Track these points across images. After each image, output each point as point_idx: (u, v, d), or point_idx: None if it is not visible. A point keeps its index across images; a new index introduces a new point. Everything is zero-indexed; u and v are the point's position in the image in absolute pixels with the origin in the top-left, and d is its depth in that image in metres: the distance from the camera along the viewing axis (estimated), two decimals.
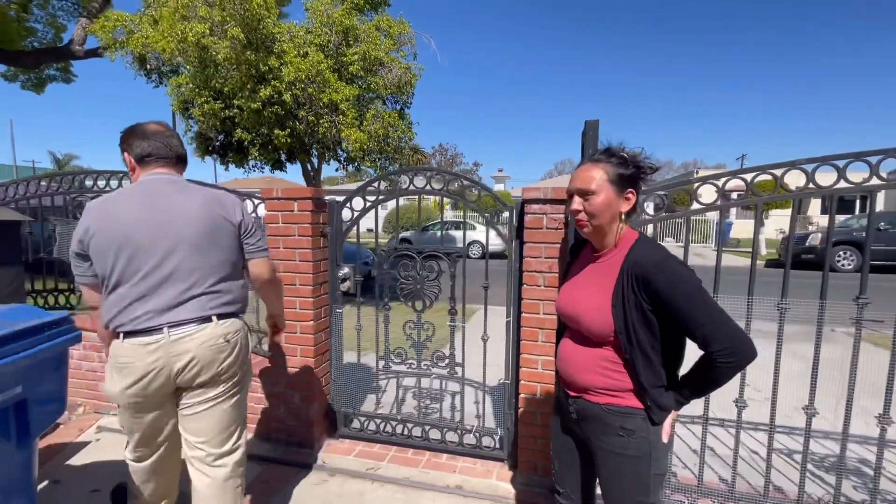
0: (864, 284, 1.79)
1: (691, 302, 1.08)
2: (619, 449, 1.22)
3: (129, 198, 1.52)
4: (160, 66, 6.85)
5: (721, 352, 1.07)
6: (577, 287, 1.31)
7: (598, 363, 1.23)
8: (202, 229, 1.53)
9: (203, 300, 1.54)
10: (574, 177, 1.23)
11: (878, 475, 1.86)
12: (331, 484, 2.37)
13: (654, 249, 1.17)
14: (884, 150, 1.68)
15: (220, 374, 1.58)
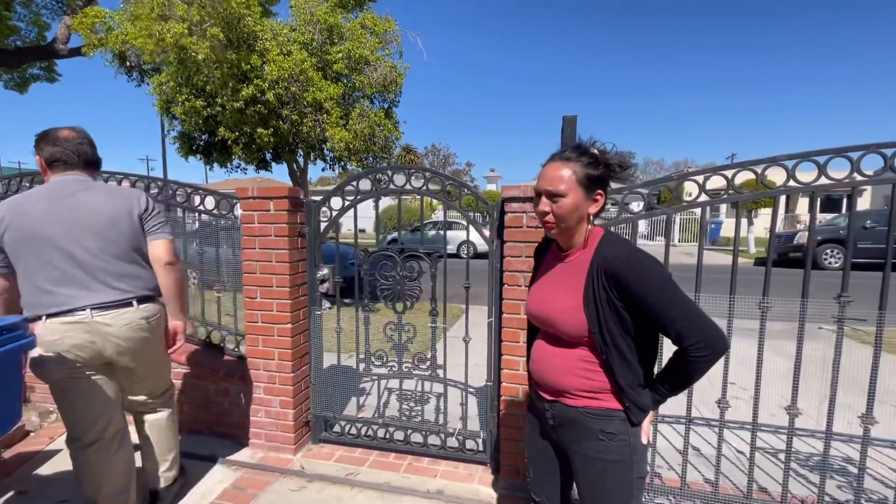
0: (846, 282, 1.77)
1: (663, 295, 1.07)
2: (599, 454, 1.18)
3: (38, 197, 1.70)
4: (140, 65, 6.71)
5: (695, 345, 1.06)
6: (546, 288, 1.27)
7: (574, 364, 1.20)
8: (106, 221, 1.72)
9: (120, 285, 1.73)
10: (542, 175, 1.17)
11: (862, 474, 1.84)
12: (309, 490, 2.30)
13: (621, 245, 1.15)
14: (865, 146, 1.65)
15: (145, 352, 1.83)
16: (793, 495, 1.96)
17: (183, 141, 7.34)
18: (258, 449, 2.65)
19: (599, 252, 1.16)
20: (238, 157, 6.97)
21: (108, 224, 1.72)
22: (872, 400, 1.79)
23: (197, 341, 2.95)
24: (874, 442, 2.57)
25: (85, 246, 1.68)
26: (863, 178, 1.66)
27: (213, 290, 3.02)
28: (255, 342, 2.59)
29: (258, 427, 2.64)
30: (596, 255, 1.16)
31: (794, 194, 1.54)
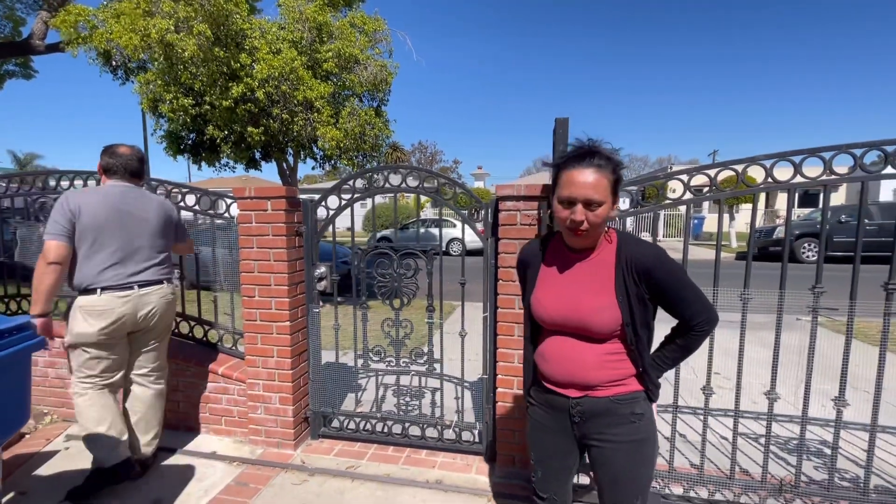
0: (820, 274, 1.88)
1: (683, 285, 1.22)
2: (630, 436, 1.25)
3: (103, 195, 2.19)
4: (126, 62, 6.62)
5: (701, 322, 1.23)
6: (567, 291, 1.25)
7: (603, 358, 1.23)
8: (157, 223, 2.31)
9: (157, 269, 2.31)
10: (575, 182, 1.13)
11: (835, 455, 1.96)
12: (310, 484, 2.36)
13: (645, 244, 1.24)
14: (837, 146, 1.76)
15: (166, 319, 2.39)
16: (772, 476, 2.07)
17: (170, 140, 7.27)
18: (258, 445, 2.69)
19: (625, 250, 1.21)
20: (227, 156, 6.93)
21: (158, 227, 2.31)
22: (844, 384, 1.91)
23: (195, 339, 2.97)
24: (848, 425, 2.72)
25: (140, 241, 2.24)
26: (835, 177, 1.77)
27: (210, 290, 3.04)
28: (253, 340, 2.62)
29: (258, 423, 2.68)
30: (621, 253, 1.21)
31: (772, 191, 1.63)
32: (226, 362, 2.82)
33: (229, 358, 2.87)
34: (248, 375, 2.67)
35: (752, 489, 2.06)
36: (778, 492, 2.01)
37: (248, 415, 2.71)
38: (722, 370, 3.60)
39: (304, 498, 2.23)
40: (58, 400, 3.05)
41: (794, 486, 1.99)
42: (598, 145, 1.19)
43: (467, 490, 2.29)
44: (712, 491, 2.08)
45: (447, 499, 2.23)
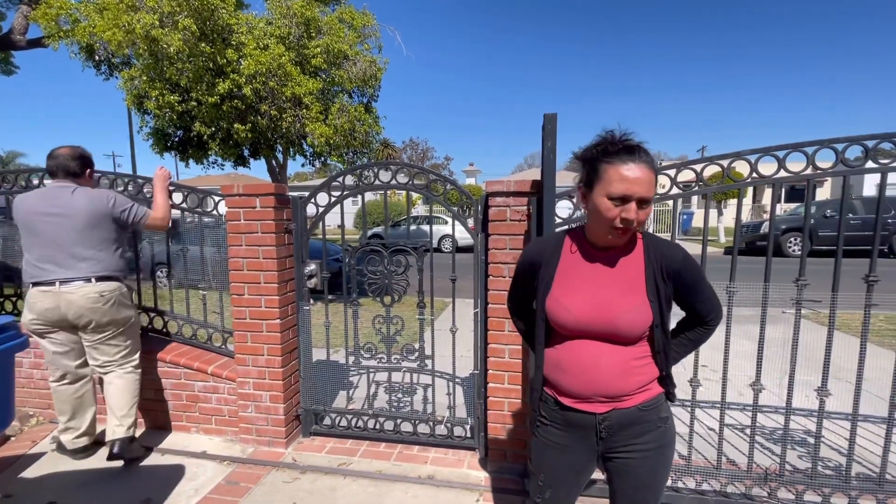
0: (803, 267, 1.91)
1: (703, 284, 1.25)
2: (658, 442, 1.21)
3: (36, 197, 2.35)
4: (109, 58, 6.49)
5: (714, 317, 1.28)
6: (595, 292, 1.17)
7: (630, 364, 1.17)
8: (85, 219, 2.30)
9: (84, 265, 2.31)
10: (629, 179, 1.05)
11: (818, 444, 2.00)
12: (302, 481, 2.35)
13: (672, 244, 1.22)
14: (819, 141, 1.79)
15: (100, 319, 2.35)
16: (758, 465, 2.11)
17: (157, 137, 7.15)
18: (249, 444, 2.68)
19: (654, 251, 1.18)
20: (215, 154, 6.83)
21: (86, 222, 2.31)
22: (827, 375, 1.95)
23: (184, 339, 2.94)
24: (831, 415, 2.78)
25: (66, 237, 2.28)
26: (817, 171, 1.80)
27: (198, 289, 3.01)
28: (243, 338, 2.61)
29: (248, 422, 2.67)
30: (650, 253, 1.18)
31: (758, 186, 1.66)
32: (215, 361, 2.80)
33: (219, 356, 2.85)
34: (238, 374, 2.65)
35: (738, 479, 2.09)
36: (763, 481, 2.05)
37: (238, 413, 2.69)
38: (709, 363, 3.65)
39: (296, 496, 2.23)
40: (43, 401, 3.01)
41: (778, 475, 2.03)
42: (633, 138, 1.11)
43: (459, 485, 2.30)
44: (699, 481, 2.12)
45: (439, 493, 2.24)
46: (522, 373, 2.29)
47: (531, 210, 2.13)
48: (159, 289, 3.08)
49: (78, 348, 2.44)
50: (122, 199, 2.45)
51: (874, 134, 1.74)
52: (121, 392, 2.47)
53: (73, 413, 2.48)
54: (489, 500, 2.19)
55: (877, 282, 1.83)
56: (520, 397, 2.32)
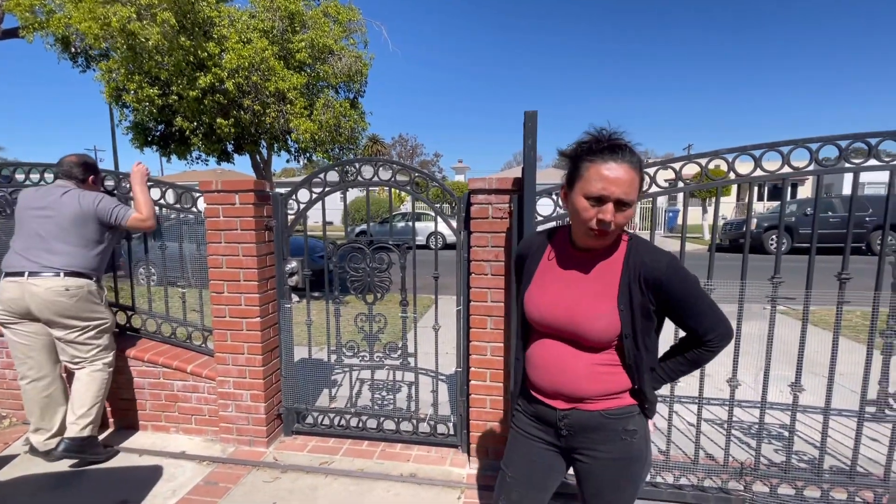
0: (778, 265, 1.95)
1: (696, 298, 1.11)
2: (622, 454, 1.15)
3: (35, 192, 2.44)
4: (86, 50, 6.32)
5: (716, 337, 1.13)
6: (566, 292, 1.15)
7: (595, 369, 1.13)
8: (69, 216, 2.35)
9: (57, 259, 2.32)
10: (609, 178, 1.01)
11: (791, 438, 2.04)
12: (283, 481, 2.33)
13: (657, 251, 1.12)
14: (794, 141, 1.82)
15: (62, 313, 2.33)
16: (734, 459, 2.15)
17: (137, 131, 7.01)
18: (229, 443, 2.65)
19: (634, 256, 1.10)
20: (198, 149, 6.72)
21: (69, 220, 2.34)
22: (800, 370, 1.99)
23: (163, 338, 2.89)
24: (807, 409, 2.84)
25: (43, 230, 2.33)
26: (791, 171, 1.83)
27: (177, 286, 2.96)
28: (223, 337, 2.57)
29: (228, 422, 2.63)
30: (630, 260, 1.10)
31: (736, 184, 1.69)
32: (195, 360, 2.75)
33: (199, 355, 2.81)
34: (219, 373, 2.61)
35: (715, 473, 2.13)
36: (739, 475, 2.09)
37: (219, 413, 2.66)
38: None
39: (277, 495, 2.21)
40: (16, 402, 2.93)
41: (754, 469, 2.07)
42: (622, 137, 1.05)
43: (441, 482, 2.30)
44: (677, 476, 2.15)
45: (420, 491, 2.24)
46: (504, 370, 2.30)
47: (512, 208, 2.13)
48: (139, 286, 3.02)
49: (45, 343, 2.41)
50: (109, 201, 2.46)
51: (847, 134, 1.77)
52: (84, 388, 2.44)
53: (42, 413, 2.43)
54: (471, 497, 2.19)
55: (849, 279, 1.87)
56: (501, 394, 2.33)
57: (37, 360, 2.41)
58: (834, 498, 2.01)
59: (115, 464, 2.49)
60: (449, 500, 2.18)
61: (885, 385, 1.91)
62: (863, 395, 1.93)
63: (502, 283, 2.23)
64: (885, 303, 1.88)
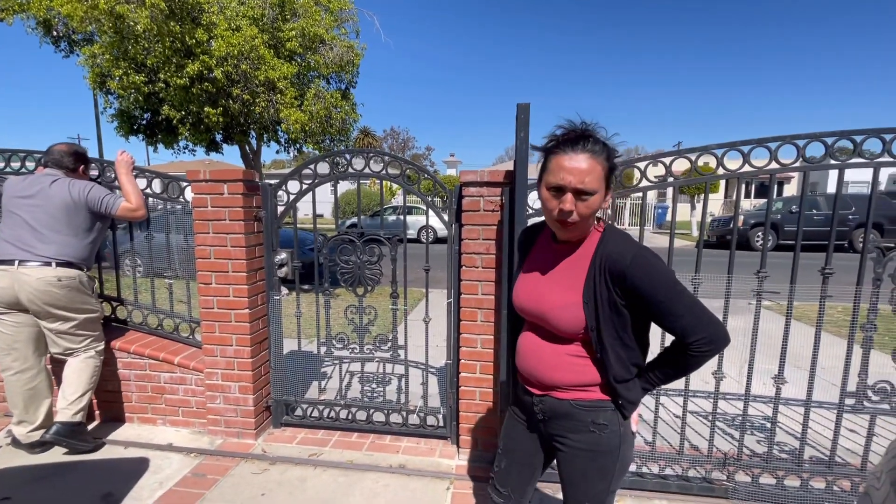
0: (764, 260, 1.98)
1: (669, 294, 1.05)
2: (589, 446, 1.16)
3: (21, 180, 2.39)
4: (69, 34, 6.15)
5: (699, 341, 1.06)
6: (539, 282, 1.20)
7: (565, 360, 1.15)
8: (58, 206, 2.31)
9: (47, 248, 2.27)
10: (566, 168, 1.02)
11: (773, 429, 2.09)
12: (271, 472, 2.33)
13: (626, 242, 1.09)
14: (781, 137, 1.84)
15: (53, 303, 2.29)
16: (718, 450, 2.19)
17: (122, 119, 6.85)
18: (217, 435, 2.63)
19: (602, 248, 1.10)
20: (185, 138, 6.60)
21: (59, 209, 2.31)
22: (783, 363, 2.03)
23: (149, 329, 2.85)
24: (789, 402, 2.90)
25: (33, 219, 2.29)
26: (779, 166, 1.85)
27: (164, 277, 2.91)
28: (211, 328, 2.54)
29: (216, 414, 2.61)
30: (598, 252, 1.10)
31: (730, 181, 1.71)
32: (182, 351, 2.72)
33: (186, 347, 2.78)
34: (206, 364, 2.59)
35: (699, 463, 2.17)
36: (722, 465, 2.13)
37: (206, 405, 2.63)
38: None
39: (265, 487, 2.20)
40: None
41: (737, 460, 2.11)
42: (592, 129, 1.06)
43: (430, 473, 2.31)
44: (663, 466, 2.18)
45: (409, 482, 2.25)
46: (494, 362, 2.31)
47: (504, 200, 2.13)
48: (125, 277, 2.97)
49: (31, 334, 2.38)
50: (99, 189, 2.42)
51: (834, 131, 1.80)
52: (77, 373, 2.43)
53: (26, 406, 2.39)
54: (460, 487, 2.21)
55: (832, 274, 1.91)
56: (491, 386, 2.34)
57: (22, 351, 2.36)
58: (813, 487, 2.06)
59: (100, 456, 2.46)
60: (438, 490, 2.19)
61: (865, 377, 1.96)
62: (843, 388, 1.98)
63: (493, 276, 2.24)
64: (866, 298, 1.92)
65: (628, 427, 1.19)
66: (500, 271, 2.20)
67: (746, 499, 2.07)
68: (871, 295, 1.90)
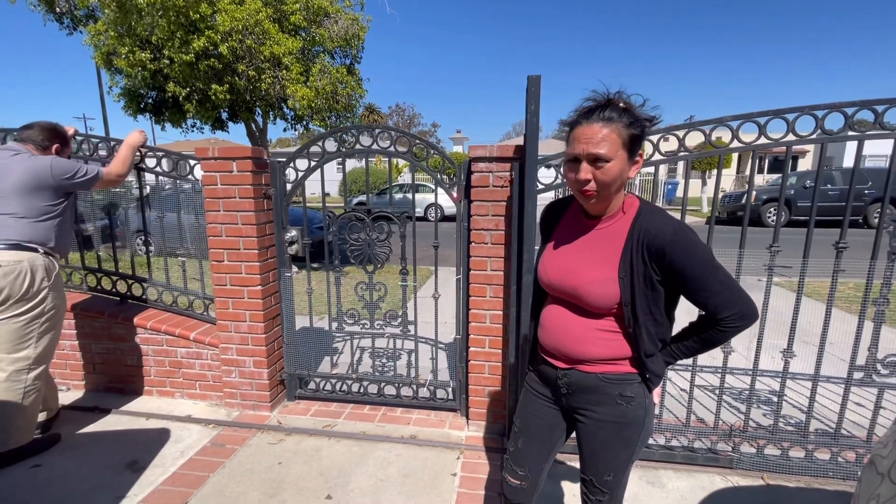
0: (777, 235, 1.95)
1: (707, 270, 1.05)
2: (615, 418, 1.17)
3: None
4: (72, 10, 6.08)
5: (732, 317, 1.07)
6: (570, 257, 1.19)
7: (595, 334, 1.16)
8: (16, 183, 2.07)
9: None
10: (580, 138, 1.04)
11: (780, 402, 2.11)
12: (287, 443, 2.41)
13: (665, 219, 1.08)
14: (800, 108, 1.79)
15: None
16: (724, 422, 2.23)
17: (129, 98, 6.83)
18: (234, 408, 2.72)
19: (639, 223, 1.09)
20: (191, 116, 6.57)
21: (10, 184, 2.07)
22: (793, 337, 2.03)
23: (165, 306, 2.92)
24: (796, 376, 2.91)
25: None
26: (795, 138, 1.81)
27: (176, 256, 2.96)
28: (225, 305, 2.59)
29: (232, 387, 2.69)
30: (635, 227, 1.09)
31: (742, 156, 1.68)
32: (197, 327, 2.79)
33: (201, 323, 2.84)
34: (221, 340, 2.65)
35: (704, 435, 2.21)
36: (728, 436, 2.17)
37: (222, 379, 2.71)
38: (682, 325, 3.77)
39: (282, 456, 2.28)
40: None
41: (742, 431, 2.15)
42: (617, 97, 1.05)
43: (441, 444, 2.38)
44: (669, 438, 2.22)
45: (421, 452, 2.32)
46: (503, 337, 2.34)
47: (513, 176, 2.11)
48: (138, 256, 3.02)
49: None
50: (64, 162, 2.20)
51: (854, 101, 1.75)
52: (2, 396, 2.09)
53: None
54: (470, 457, 2.28)
55: (846, 248, 1.89)
56: (500, 361, 2.38)
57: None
58: (817, 458, 2.09)
59: (124, 426, 2.56)
60: (448, 459, 2.26)
61: (875, 351, 1.96)
62: (852, 361, 1.98)
63: (502, 252, 2.24)
64: (879, 274, 1.90)
65: (651, 399, 1.21)
66: (509, 248, 2.21)
67: (750, 468, 2.11)
68: (885, 269, 1.88)
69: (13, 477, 2.10)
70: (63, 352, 2.90)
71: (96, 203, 3.32)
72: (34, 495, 1.98)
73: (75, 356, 2.92)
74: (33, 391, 2.18)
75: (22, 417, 2.16)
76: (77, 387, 2.98)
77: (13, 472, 2.13)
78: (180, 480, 2.08)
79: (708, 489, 2.03)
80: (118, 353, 2.86)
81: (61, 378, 2.94)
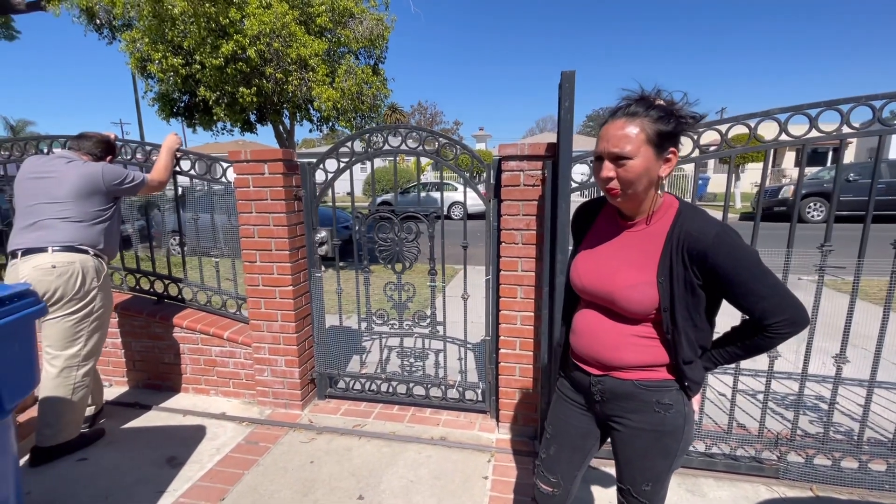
0: (829, 233, 1.85)
1: (753, 274, 0.99)
2: (653, 426, 1.12)
3: (33, 160, 2.27)
4: (111, 21, 6.31)
5: (780, 322, 1.01)
6: (604, 260, 1.14)
7: (631, 340, 1.11)
8: (68, 188, 2.16)
9: (47, 234, 2.12)
10: (604, 135, 1.02)
11: (832, 409, 2.00)
12: (318, 441, 2.43)
13: (706, 220, 1.03)
14: (855, 98, 1.68)
15: (46, 291, 2.07)
16: (769, 430, 2.12)
17: (163, 102, 7.04)
18: (266, 406, 2.76)
19: (680, 225, 1.04)
20: (221, 119, 6.73)
21: (62, 190, 2.16)
22: (846, 341, 1.91)
23: (199, 306, 2.99)
24: (845, 381, 2.76)
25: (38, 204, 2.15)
26: (851, 131, 1.70)
27: (210, 256, 3.03)
28: (257, 305, 2.64)
29: (265, 385, 2.74)
30: (675, 229, 1.04)
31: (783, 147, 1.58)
32: (231, 327, 2.85)
33: (234, 322, 2.90)
34: (254, 339, 2.70)
35: (748, 442, 2.11)
36: (774, 445, 2.07)
37: (255, 377, 2.76)
38: (721, 330, 3.63)
39: (313, 455, 2.31)
40: None
41: (789, 440, 2.04)
42: (649, 95, 1.02)
43: (471, 446, 2.36)
44: (709, 445, 2.14)
45: (451, 454, 2.30)
46: (534, 339, 2.30)
47: (546, 174, 2.07)
48: (173, 256, 3.11)
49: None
50: (114, 169, 2.31)
51: None
52: (53, 392, 2.18)
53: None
54: (501, 460, 2.24)
55: None
56: (531, 363, 2.34)
57: None
58: (872, 469, 1.97)
59: (163, 422, 2.63)
60: (479, 462, 2.23)
61: None
62: None
63: (533, 252, 2.20)
64: None
65: (691, 407, 1.15)
66: (541, 248, 2.16)
67: (798, 479, 2.00)
68: None
69: (61, 470, 2.18)
70: (106, 349, 3.01)
71: (133, 204, 3.44)
72: (80, 488, 2.05)
73: (117, 353, 3.03)
74: (82, 387, 2.27)
75: (71, 412, 2.25)
76: (119, 383, 3.09)
77: (61, 464, 2.22)
78: (217, 477, 2.13)
79: (752, 499, 1.94)
80: (156, 351, 2.95)
81: (105, 375, 3.05)
